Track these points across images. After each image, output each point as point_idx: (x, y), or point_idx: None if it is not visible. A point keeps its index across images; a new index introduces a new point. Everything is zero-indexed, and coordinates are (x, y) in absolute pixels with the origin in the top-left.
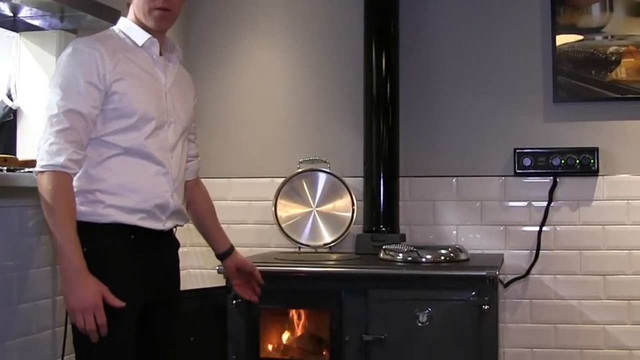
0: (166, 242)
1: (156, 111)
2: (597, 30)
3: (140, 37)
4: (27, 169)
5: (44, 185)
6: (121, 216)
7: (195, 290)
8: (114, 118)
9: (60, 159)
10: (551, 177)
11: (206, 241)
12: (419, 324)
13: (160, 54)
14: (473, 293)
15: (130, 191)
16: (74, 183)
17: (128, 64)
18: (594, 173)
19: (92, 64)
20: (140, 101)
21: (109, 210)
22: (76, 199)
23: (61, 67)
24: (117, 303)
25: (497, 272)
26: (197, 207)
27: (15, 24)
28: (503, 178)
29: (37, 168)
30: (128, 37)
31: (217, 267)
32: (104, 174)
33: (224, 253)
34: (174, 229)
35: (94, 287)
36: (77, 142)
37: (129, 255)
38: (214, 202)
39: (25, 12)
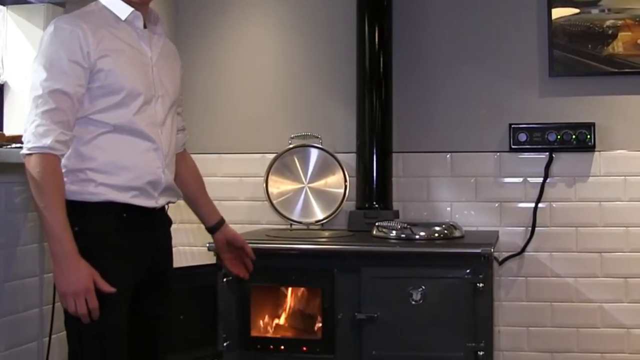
0: (158, 220)
1: (143, 86)
2: (594, 3)
3: (123, 10)
4: (14, 145)
5: (32, 167)
6: (113, 194)
7: (185, 268)
8: (100, 96)
9: (47, 141)
10: (547, 153)
11: (196, 215)
12: (413, 302)
13: (144, 27)
14: (467, 271)
15: (122, 169)
16: (64, 162)
17: (112, 40)
18: (591, 149)
19: (75, 42)
20: (126, 77)
21: (101, 189)
22: (66, 179)
23: (44, 46)
24: (107, 288)
25: (492, 250)
26: (185, 180)
27: None
28: (498, 154)
29: (24, 150)
30: (111, 11)
31: (207, 245)
32: (94, 153)
33: (214, 226)
34: (166, 206)
35: (85, 271)
36: (63, 122)
37: (121, 234)
38: (204, 179)
39: None
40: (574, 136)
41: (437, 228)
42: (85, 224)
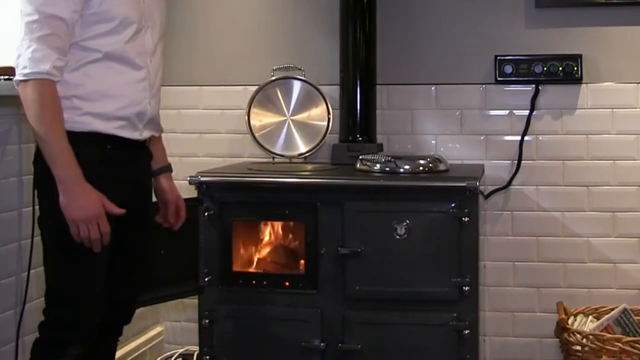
0: (141, 153)
1: (136, 15)
2: None
3: None
4: None
5: (29, 94)
6: (97, 124)
7: None
8: (93, 23)
9: (46, 66)
10: (533, 85)
11: None
12: (397, 237)
13: None
14: (453, 205)
15: (109, 97)
16: None
17: None
18: (578, 81)
19: None
20: (120, 5)
21: (86, 118)
22: None
23: None
24: (118, 211)
25: (478, 183)
26: None
27: None
28: (484, 86)
29: (20, 77)
30: None
31: (188, 178)
32: (82, 80)
33: (155, 171)
34: (148, 140)
35: (95, 195)
36: (59, 48)
37: (105, 165)
38: (184, 112)
39: None
40: (560, 68)
41: (422, 161)
42: None
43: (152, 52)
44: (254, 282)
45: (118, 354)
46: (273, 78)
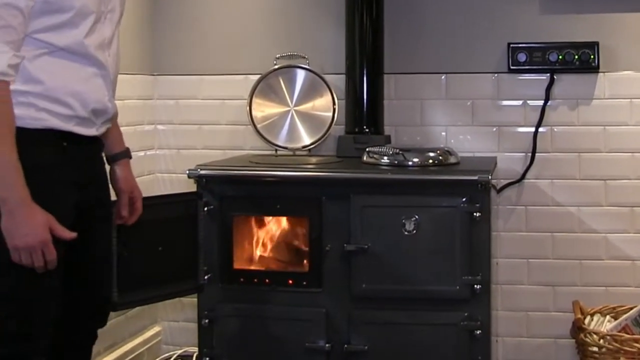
0: (96, 148)
1: (94, 3)
2: None
3: None
4: None
5: None
6: (55, 122)
7: (163, 197)
8: (45, 12)
9: (0, 66)
10: (548, 74)
11: None
12: (405, 233)
13: None
14: (463, 199)
15: (67, 95)
16: None
17: None
18: (594, 69)
19: None
20: None
21: (42, 114)
22: None
23: None
24: (67, 235)
25: (490, 177)
26: None
27: None
28: (496, 75)
29: None
30: None
31: (187, 171)
32: (38, 75)
33: (111, 157)
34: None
35: (41, 220)
36: (15, 42)
37: (61, 164)
38: (183, 102)
39: None
40: (576, 56)
41: (432, 154)
42: (23, 152)
43: (110, 41)
44: (255, 280)
45: (113, 356)
46: (276, 67)
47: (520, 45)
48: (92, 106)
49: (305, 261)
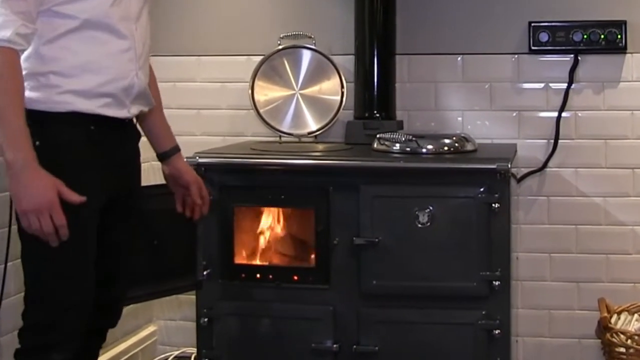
0: (128, 134)
1: None
2: None
3: None
4: None
5: None
6: (80, 103)
7: (159, 186)
8: None
9: (7, 33)
10: (572, 55)
11: (146, 137)
12: (419, 225)
13: None
14: (481, 189)
15: (91, 72)
16: (22, 65)
17: None
18: (622, 50)
19: None
20: None
21: (66, 97)
22: (25, 83)
23: None
24: (75, 198)
25: (510, 165)
26: None
27: None
28: (516, 56)
29: None
30: None
31: (185, 159)
32: (60, 53)
33: (164, 153)
34: (134, 120)
35: (48, 181)
36: (25, 13)
37: (89, 149)
38: (181, 85)
39: None
40: (602, 36)
41: (447, 141)
42: (46, 137)
43: (137, 16)
44: (258, 276)
45: (105, 357)
46: (280, 47)
47: (542, 24)
48: (119, 83)
49: (311, 256)
